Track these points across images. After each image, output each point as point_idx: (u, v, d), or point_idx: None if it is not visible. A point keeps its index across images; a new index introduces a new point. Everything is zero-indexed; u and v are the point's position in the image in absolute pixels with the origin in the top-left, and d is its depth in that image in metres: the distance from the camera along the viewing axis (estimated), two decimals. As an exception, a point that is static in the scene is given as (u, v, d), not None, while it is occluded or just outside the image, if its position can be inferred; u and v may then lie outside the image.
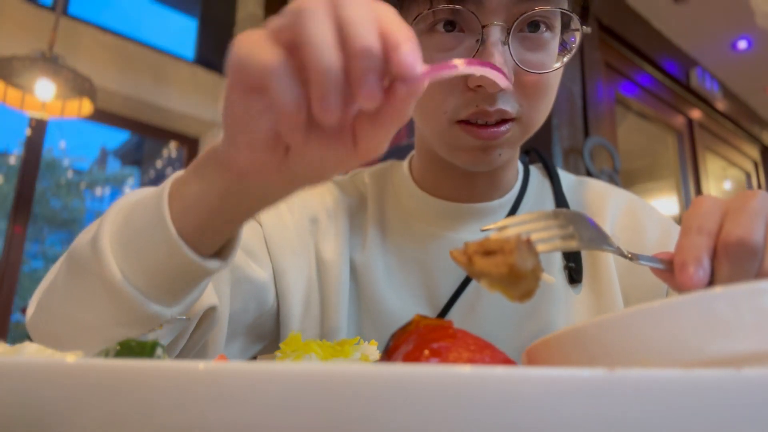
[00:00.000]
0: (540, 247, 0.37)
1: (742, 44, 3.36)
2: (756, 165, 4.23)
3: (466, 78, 0.53)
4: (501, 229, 0.41)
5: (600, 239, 0.41)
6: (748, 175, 4.15)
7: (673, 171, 3.33)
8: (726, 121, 3.81)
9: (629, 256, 0.42)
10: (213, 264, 0.43)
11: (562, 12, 0.54)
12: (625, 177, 2.78)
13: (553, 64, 0.55)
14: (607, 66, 2.74)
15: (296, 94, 0.31)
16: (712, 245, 0.38)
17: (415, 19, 0.53)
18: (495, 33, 0.52)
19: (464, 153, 0.58)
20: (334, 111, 0.30)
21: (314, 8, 0.30)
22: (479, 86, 0.52)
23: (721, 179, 3.83)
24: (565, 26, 0.57)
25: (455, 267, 0.62)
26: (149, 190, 0.44)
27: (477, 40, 0.52)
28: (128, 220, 0.42)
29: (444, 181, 0.66)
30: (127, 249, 0.41)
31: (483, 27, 0.52)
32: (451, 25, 0.53)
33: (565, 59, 0.57)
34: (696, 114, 3.48)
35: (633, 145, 3.06)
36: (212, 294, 0.52)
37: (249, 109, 0.32)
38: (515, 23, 0.52)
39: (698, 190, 3.35)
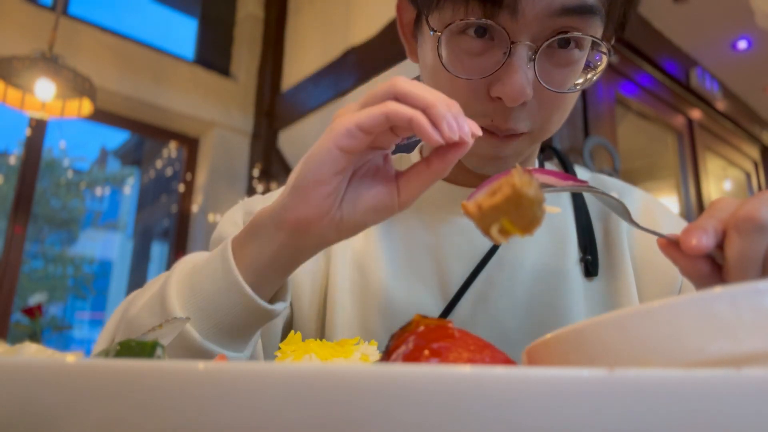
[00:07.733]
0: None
1: (742, 44, 3.35)
2: (756, 165, 4.22)
3: (488, 86, 0.53)
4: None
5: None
6: (748, 175, 4.14)
7: (673, 171, 3.33)
8: (726, 121, 3.80)
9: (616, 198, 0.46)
10: (279, 306, 0.48)
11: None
12: (625, 177, 2.77)
13: (575, 81, 0.56)
14: (607, 66, 2.73)
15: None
16: (721, 224, 0.39)
17: (447, 26, 0.53)
18: (522, 51, 0.51)
19: (475, 157, 0.60)
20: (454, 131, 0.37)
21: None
22: (499, 98, 0.53)
23: (721, 179, 3.82)
24: (595, 45, 0.56)
25: (467, 253, 0.64)
26: (205, 256, 0.50)
27: (504, 53, 0.52)
28: (195, 287, 0.47)
29: (456, 168, 0.64)
30: (201, 312, 0.46)
31: (512, 43, 0.51)
32: (483, 30, 0.53)
33: (589, 77, 0.57)
34: (696, 114, 3.48)
35: (633, 145, 3.06)
36: None
37: (341, 160, 0.39)
38: (544, 43, 0.51)
39: (698, 190, 3.34)
